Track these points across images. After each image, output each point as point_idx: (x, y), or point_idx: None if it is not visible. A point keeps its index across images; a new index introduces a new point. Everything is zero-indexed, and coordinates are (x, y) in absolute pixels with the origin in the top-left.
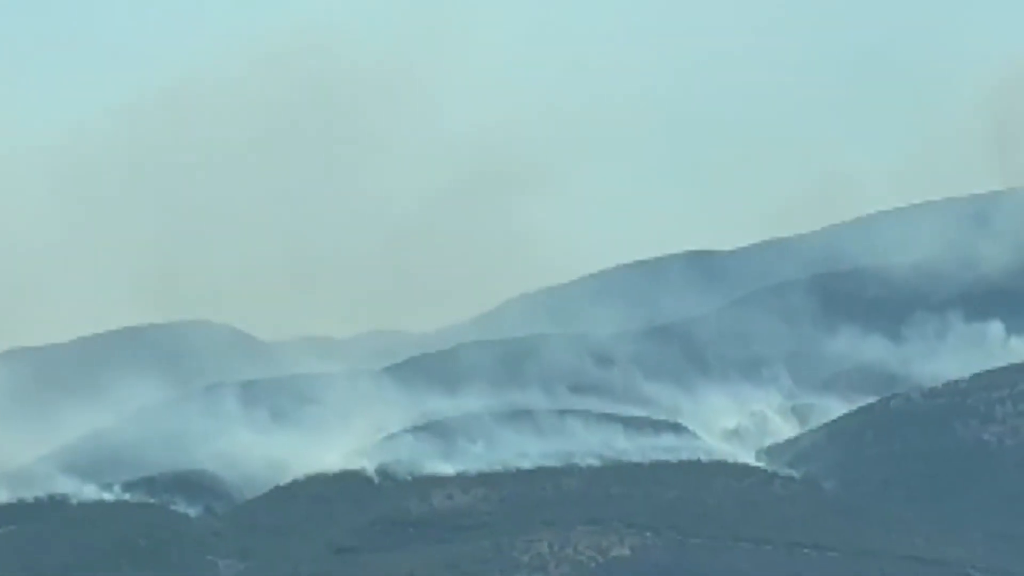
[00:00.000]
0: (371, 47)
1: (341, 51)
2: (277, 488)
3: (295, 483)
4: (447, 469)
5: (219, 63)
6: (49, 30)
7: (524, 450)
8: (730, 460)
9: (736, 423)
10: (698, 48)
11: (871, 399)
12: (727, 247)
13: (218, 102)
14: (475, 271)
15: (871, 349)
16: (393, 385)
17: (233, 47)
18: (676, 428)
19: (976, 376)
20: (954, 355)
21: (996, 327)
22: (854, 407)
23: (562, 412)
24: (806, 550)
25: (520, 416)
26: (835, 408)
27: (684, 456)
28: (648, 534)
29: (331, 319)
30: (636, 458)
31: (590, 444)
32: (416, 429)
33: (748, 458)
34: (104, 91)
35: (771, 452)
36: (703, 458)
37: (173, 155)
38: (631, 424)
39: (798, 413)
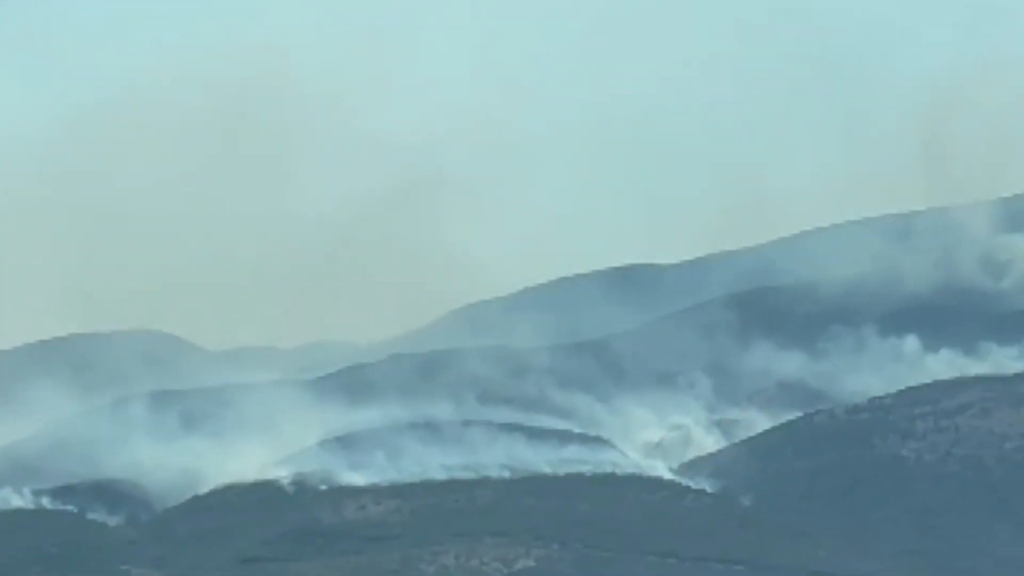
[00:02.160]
0: (304, 55)
1: (274, 61)
2: (195, 497)
3: (212, 493)
4: (361, 480)
5: (149, 72)
6: None
7: (439, 462)
8: (644, 473)
9: (659, 437)
10: (630, 64)
11: (796, 414)
12: (657, 263)
13: (150, 112)
14: (420, 283)
15: (794, 364)
16: (317, 396)
17: (163, 54)
18: (595, 441)
19: (901, 392)
20: (872, 371)
21: (912, 343)
22: (778, 422)
23: (479, 425)
24: (713, 563)
25: (436, 428)
26: (759, 423)
27: (598, 469)
28: (555, 546)
29: (277, 329)
30: (550, 471)
31: (505, 457)
32: (334, 440)
33: (666, 472)
34: (33, 102)
35: (693, 466)
36: (617, 471)
37: (106, 164)
38: (548, 437)
39: (722, 428)
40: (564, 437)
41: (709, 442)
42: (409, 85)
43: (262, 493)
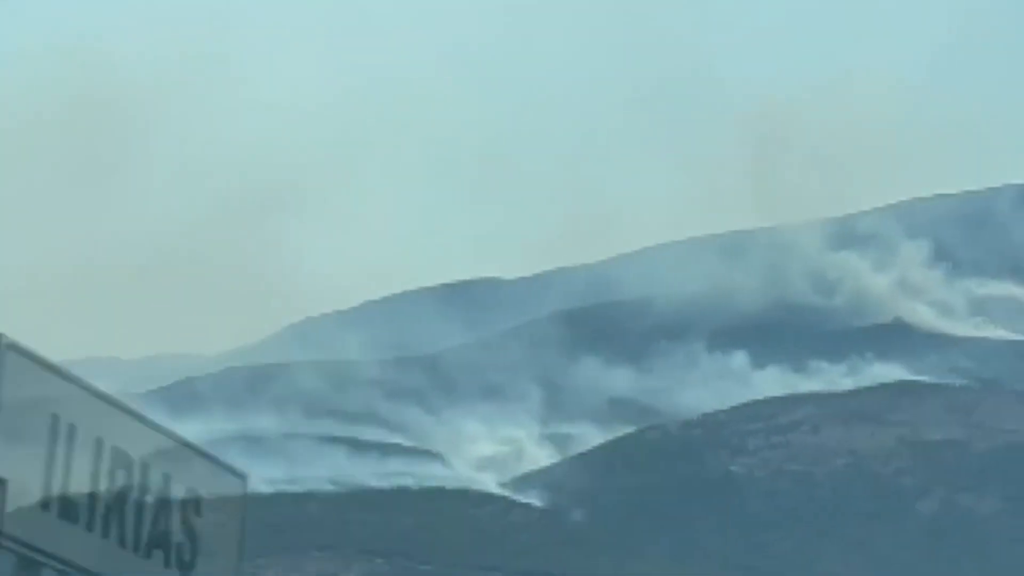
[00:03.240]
0: (142, 66)
1: (110, 71)
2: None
3: None
4: None
5: None
6: None
7: (266, 475)
8: (472, 488)
9: (491, 451)
10: (469, 80)
11: (629, 429)
12: (496, 277)
13: None
14: (261, 297)
15: (625, 380)
16: (143, 409)
17: None
18: (423, 455)
19: (733, 408)
20: (701, 387)
21: (741, 359)
22: (611, 437)
23: (303, 438)
24: None
25: (260, 442)
26: (592, 438)
27: (425, 483)
28: (378, 560)
29: (121, 341)
30: (376, 484)
31: (330, 470)
32: None
33: (494, 486)
34: None
35: (524, 480)
36: (444, 485)
37: None
38: (373, 450)
39: (554, 442)
40: (390, 451)
41: (542, 456)
42: (250, 98)
43: None
